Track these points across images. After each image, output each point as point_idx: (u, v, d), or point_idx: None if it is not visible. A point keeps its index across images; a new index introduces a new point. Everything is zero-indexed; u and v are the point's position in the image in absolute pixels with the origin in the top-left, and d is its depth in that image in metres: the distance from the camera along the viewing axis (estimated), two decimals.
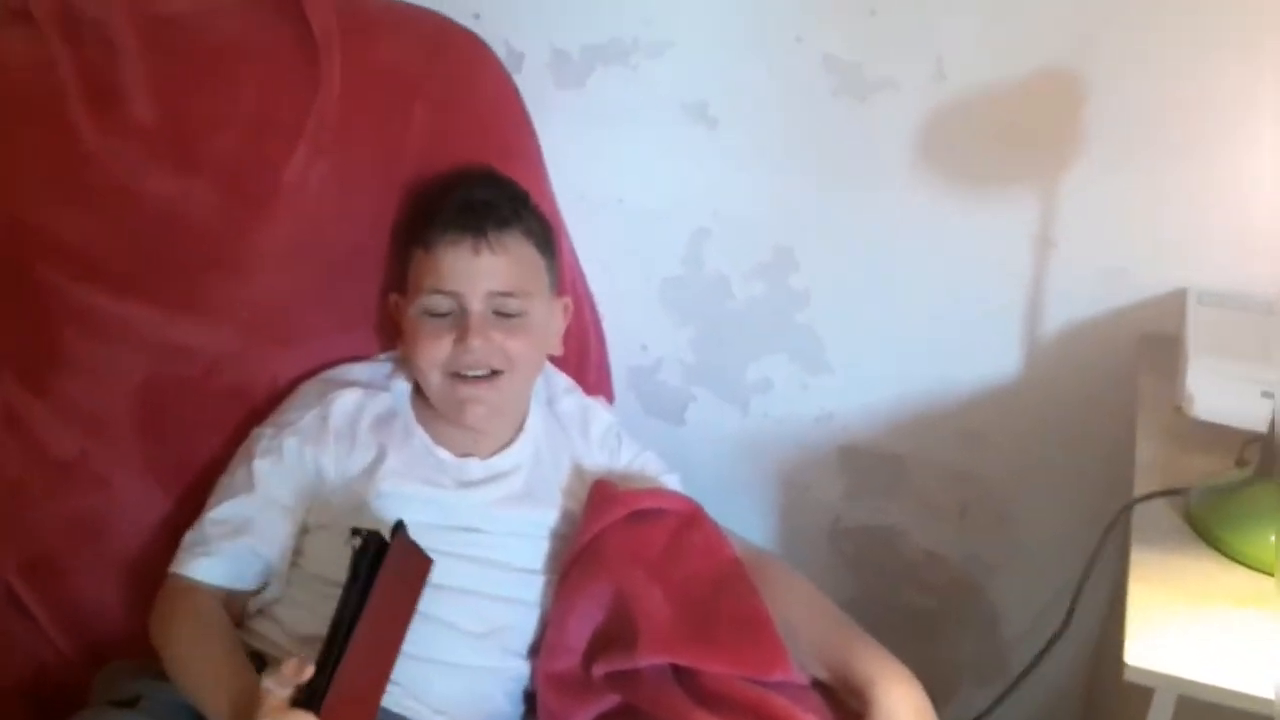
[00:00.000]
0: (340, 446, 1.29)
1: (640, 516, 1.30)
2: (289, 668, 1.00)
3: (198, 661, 1.16)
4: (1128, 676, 0.92)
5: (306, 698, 1.00)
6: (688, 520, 1.32)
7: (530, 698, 1.29)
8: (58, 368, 1.32)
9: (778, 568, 1.34)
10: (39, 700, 1.31)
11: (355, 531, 1.06)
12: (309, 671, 1.01)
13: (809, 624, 1.24)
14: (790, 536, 1.59)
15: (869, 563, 1.56)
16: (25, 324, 1.31)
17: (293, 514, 1.28)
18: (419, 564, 1.15)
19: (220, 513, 1.27)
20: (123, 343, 1.33)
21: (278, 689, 1.01)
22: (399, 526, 1.09)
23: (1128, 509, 1.08)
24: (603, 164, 1.52)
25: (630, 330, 1.61)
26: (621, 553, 1.27)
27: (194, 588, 1.23)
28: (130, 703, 1.16)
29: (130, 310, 1.33)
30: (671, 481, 1.41)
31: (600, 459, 1.40)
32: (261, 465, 1.28)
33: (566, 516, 1.34)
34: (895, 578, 1.58)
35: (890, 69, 1.34)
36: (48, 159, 1.31)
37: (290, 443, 1.29)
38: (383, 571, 1.05)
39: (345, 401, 1.32)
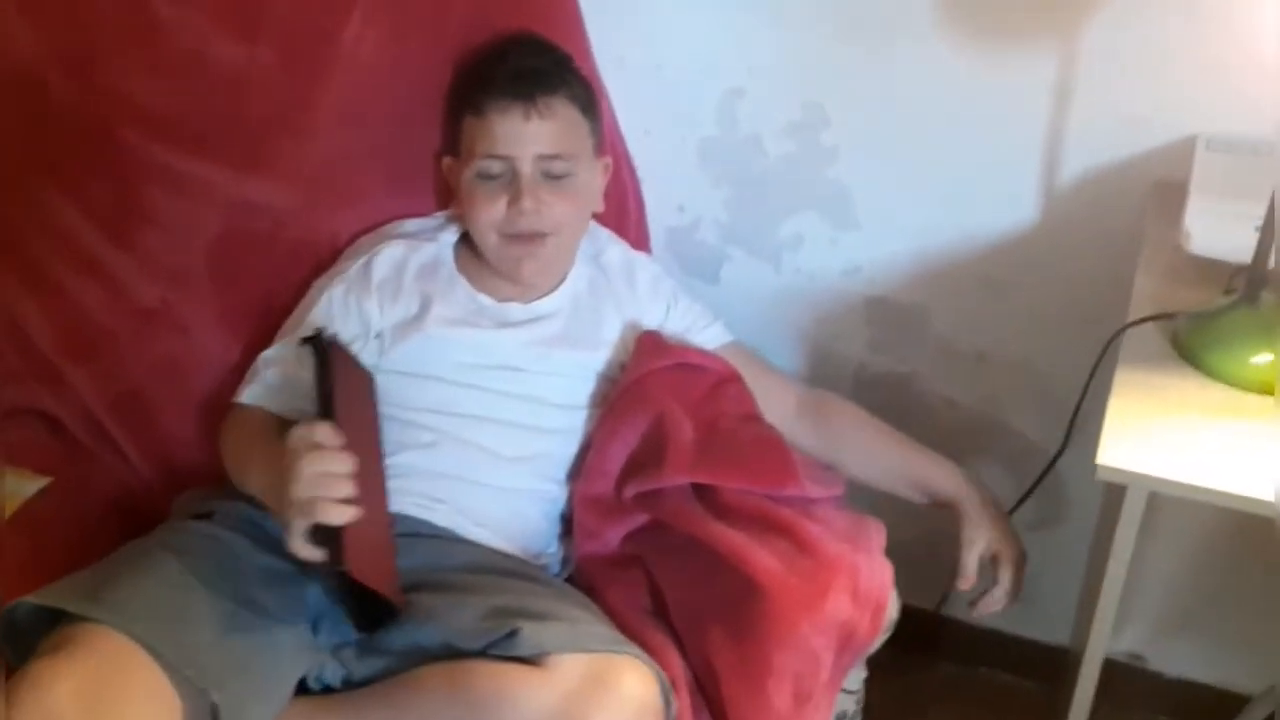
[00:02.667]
0: (384, 294, 1.40)
1: (684, 368, 1.41)
2: (322, 429, 1.11)
3: (244, 455, 1.28)
4: (1099, 476, 1.00)
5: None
6: (726, 379, 1.43)
7: (565, 519, 1.41)
8: (140, 223, 1.42)
9: (843, 403, 1.51)
10: (126, 519, 1.43)
11: (304, 340, 1.23)
12: (340, 439, 1.12)
13: (885, 449, 1.46)
14: (818, 384, 1.66)
15: (892, 408, 1.64)
16: (109, 182, 1.41)
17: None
18: (364, 377, 1.32)
19: (272, 351, 1.39)
20: (197, 199, 1.43)
21: (303, 438, 1.11)
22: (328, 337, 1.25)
23: (1119, 333, 1.15)
24: (641, 28, 1.59)
25: (668, 191, 1.69)
26: (663, 391, 1.38)
27: (244, 408, 1.36)
28: (204, 517, 1.29)
29: (203, 169, 1.42)
30: (718, 329, 1.52)
31: (652, 308, 1.49)
32: (311, 312, 1.40)
33: (605, 358, 1.45)
34: (916, 421, 1.65)
35: None
36: (124, 30, 1.39)
37: (338, 291, 1.40)
38: (334, 361, 1.21)
39: (389, 254, 1.42)
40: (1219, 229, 1.18)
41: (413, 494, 1.33)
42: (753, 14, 1.52)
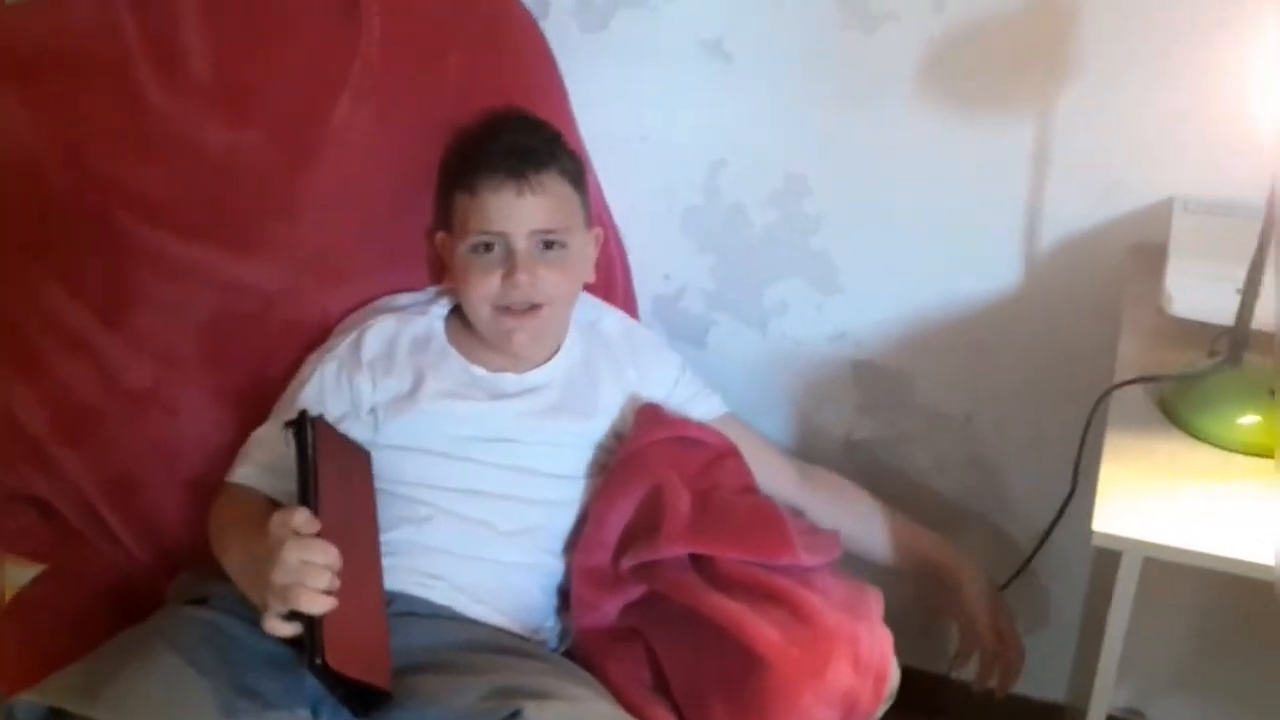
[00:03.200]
0: (376, 370, 1.40)
1: (682, 441, 1.43)
2: (299, 515, 1.12)
3: (226, 536, 1.28)
4: (1095, 542, 1.01)
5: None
6: (724, 453, 1.44)
7: (561, 592, 1.41)
8: (131, 305, 1.43)
9: (840, 479, 1.55)
10: (121, 604, 1.41)
11: (288, 424, 1.22)
12: (317, 525, 1.13)
13: (882, 525, 1.50)
14: (807, 448, 1.69)
15: (882, 469, 1.66)
16: (101, 265, 1.42)
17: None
18: (357, 455, 1.32)
19: (263, 431, 1.40)
20: (190, 282, 1.44)
21: (282, 525, 1.12)
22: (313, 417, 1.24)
23: (1106, 395, 1.17)
24: (625, 102, 1.61)
25: (654, 260, 1.70)
26: (661, 462, 1.39)
27: (234, 488, 1.36)
28: (200, 601, 1.28)
29: (196, 252, 1.43)
30: (715, 401, 1.54)
31: (659, 378, 1.51)
32: (303, 390, 1.40)
33: (601, 428, 1.46)
34: (905, 483, 1.68)
35: (894, 3, 1.43)
36: (118, 116, 1.42)
37: (329, 368, 1.41)
38: (319, 441, 1.20)
39: (380, 328, 1.43)
40: (1199, 291, 1.21)
41: (409, 570, 1.32)
42: (734, 88, 1.55)
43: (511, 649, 1.28)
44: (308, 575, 1.10)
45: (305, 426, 1.21)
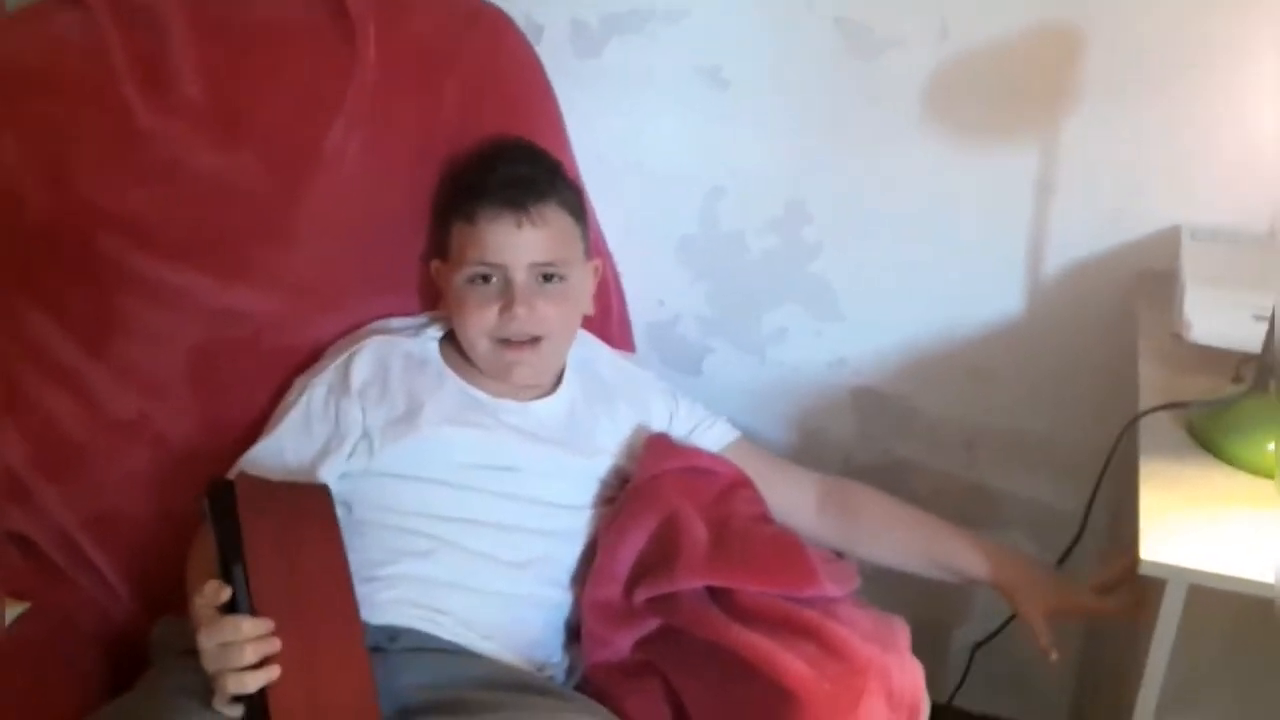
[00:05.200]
0: (367, 396, 1.36)
1: (694, 471, 1.40)
2: (208, 589, 1.10)
3: (190, 587, 1.23)
4: (1143, 570, 1.01)
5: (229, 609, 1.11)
6: (738, 483, 1.42)
7: (570, 627, 1.37)
8: (117, 333, 1.38)
9: (866, 491, 1.47)
10: (105, 644, 1.37)
11: (201, 494, 1.18)
12: (225, 593, 1.10)
13: (919, 536, 1.43)
14: None
15: None
16: (87, 292, 1.37)
17: (321, 456, 1.34)
18: (305, 498, 1.26)
19: (250, 455, 1.35)
20: (178, 309, 1.39)
21: (204, 607, 1.10)
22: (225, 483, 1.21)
23: (1135, 421, 1.17)
24: (621, 129, 1.60)
25: (648, 287, 1.69)
26: (674, 492, 1.36)
27: None
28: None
29: (185, 278, 1.39)
30: (723, 427, 1.50)
31: (657, 413, 1.47)
32: (290, 415, 1.36)
33: (605, 465, 1.42)
34: None
35: (898, 29, 1.43)
36: (105, 138, 1.37)
37: (318, 392, 1.37)
38: (245, 502, 1.17)
39: (371, 352, 1.39)
40: (1218, 318, 1.22)
41: (413, 605, 1.28)
42: (733, 116, 1.54)
43: (527, 685, 1.24)
44: (228, 658, 1.07)
45: (221, 494, 1.17)
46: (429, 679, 1.22)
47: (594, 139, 1.58)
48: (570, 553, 1.38)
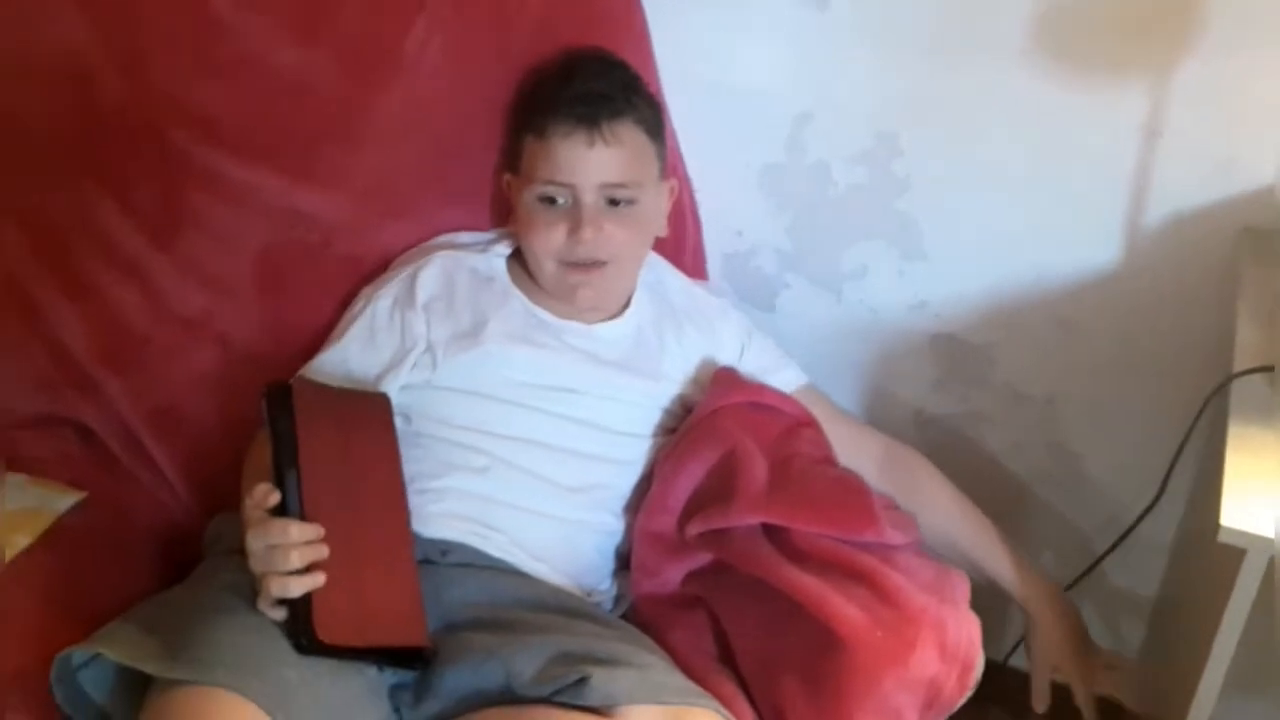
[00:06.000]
0: (433, 310, 1.34)
1: (758, 407, 1.36)
2: (259, 491, 1.09)
3: (245, 487, 1.22)
4: (1222, 538, 0.95)
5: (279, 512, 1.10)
6: (803, 423, 1.38)
7: (620, 555, 1.35)
8: (185, 228, 1.37)
9: (930, 469, 1.43)
10: (160, 538, 1.38)
11: (261, 394, 1.16)
12: (274, 498, 1.09)
13: (969, 533, 1.39)
14: (876, 422, 1.59)
15: (954, 449, 1.59)
16: (156, 185, 1.36)
17: (385, 366, 1.33)
18: (364, 404, 1.25)
19: (314, 364, 1.34)
20: (246, 207, 1.38)
21: (253, 509, 1.10)
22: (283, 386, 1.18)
23: (1227, 383, 1.10)
24: (709, 44, 1.53)
25: (727, 215, 1.63)
26: (736, 427, 1.32)
27: None
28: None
29: (254, 176, 1.37)
30: (793, 372, 1.47)
31: (726, 345, 1.44)
32: (355, 326, 1.35)
33: (670, 391, 1.39)
34: (976, 463, 1.61)
35: None
36: (182, 28, 1.34)
37: (382, 304, 1.36)
38: (300, 406, 1.15)
39: (438, 266, 1.37)
40: None
41: (465, 519, 1.27)
42: (829, 38, 1.47)
43: (576, 611, 1.22)
44: (274, 561, 1.06)
45: (279, 397, 1.15)
46: (477, 596, 1.21)
47: (680, 54, 1.53)
48: (626, 481, 1.36)
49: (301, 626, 1.06)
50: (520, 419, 1.32)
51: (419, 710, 1.12)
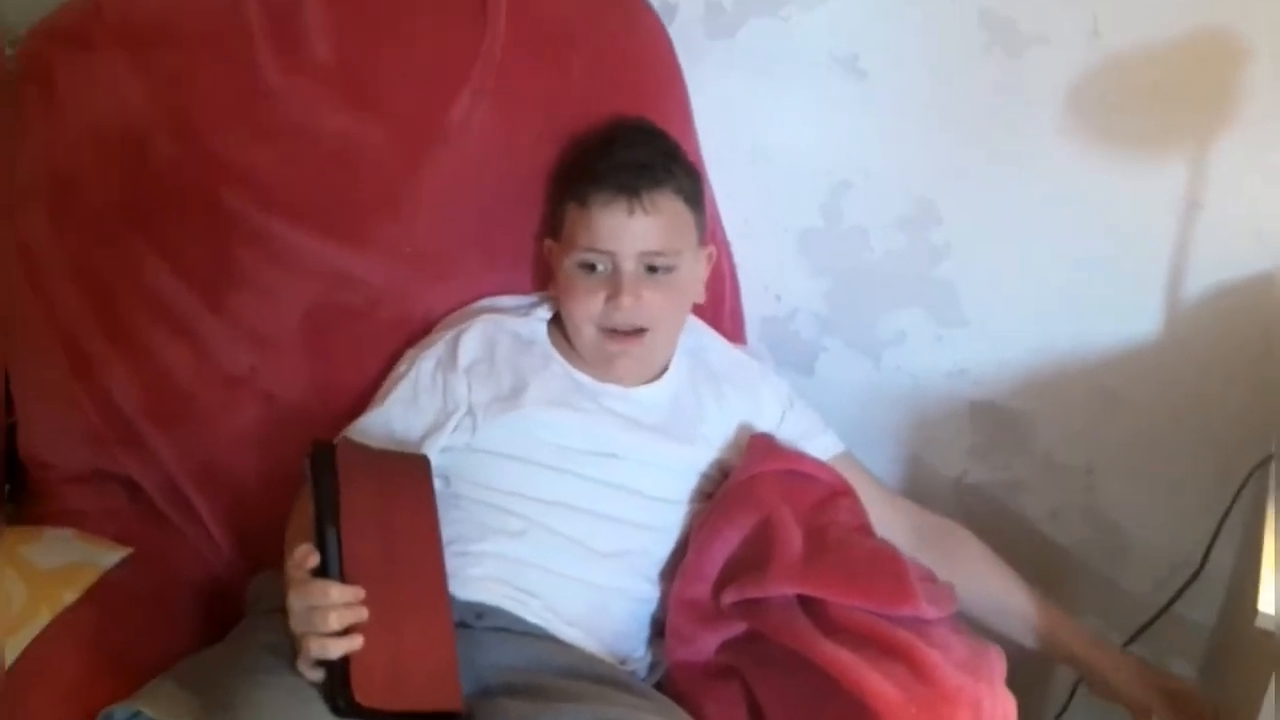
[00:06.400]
0: (474, 373, 1.35)
1: (795, 475, 1.36)
2: (299, 552, 1.10)
3: (288, 545, 1.22)
4: (1259, 623, 0.94)
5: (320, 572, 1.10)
6: (840, 491, 1.38)
7: (655, 622, 1.34)
8: (234, 288, 1.40)
9: (969, 538, 1.42)
10: (203, 595, 1.39)
11: (306, 455, 1.17)
12: (314, 560, 1.09)
13: (1014, 601, 1.37)
14: (915, 490, 1.61)
15: (991, 516, 1.59)
16: (207, 245, 1.39)
17: (428, 428, 1.34)
18: (405, 466, 1.25)
19: (358, 425, 1.35)
20: (295, 268, 1.41)
21: (294, 569, 1.10)
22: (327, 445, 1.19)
23: (1268, 461, 1.10)
24: (749, 113, 1.55)
25: (765, 280, 1.64)
26: (772, 494, 1.32)
27: None
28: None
29: (303, 239, 1.40)
30: (830, 438, 1.46)
31: (767, 410, 1.44)
32: (399, 388, 1.36)
33: (707, 457, 1.39)
34: (1016, 531, 1.60)
35: (1045, 25, 1.36)
36: (234, 95, 1.39)
37: (426, 365, 1.37)
38: (343, 466, 1.16)
39: (480, 330, 1.39)
40: None
41: (500, 584, 1.27)
42: (867, 107, 1.49)
43: (609, 679, 1.22)
44: (314, 622, 1.06)
45: (323, 456, 1.17)
46: (511, 661, 1.21)
47: (720, 124, 1.54)
48: (663, 547, 1.36)
49: (339, 688, 1.06)
50: (558, 483, 1.32)
51: None
